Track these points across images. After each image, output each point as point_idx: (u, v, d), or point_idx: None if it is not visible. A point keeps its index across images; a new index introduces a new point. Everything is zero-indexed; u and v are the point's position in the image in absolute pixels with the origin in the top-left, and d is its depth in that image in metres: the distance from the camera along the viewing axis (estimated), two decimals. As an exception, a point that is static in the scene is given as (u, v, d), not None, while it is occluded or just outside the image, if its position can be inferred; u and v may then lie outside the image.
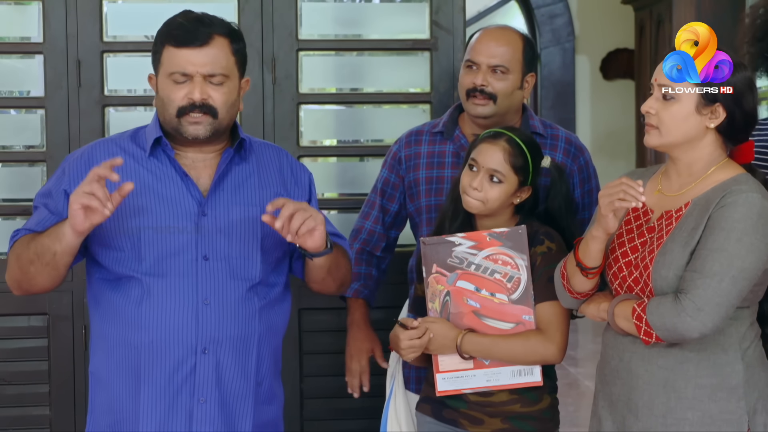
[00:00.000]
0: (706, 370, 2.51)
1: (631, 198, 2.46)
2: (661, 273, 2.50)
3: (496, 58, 3.17)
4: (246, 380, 2.75)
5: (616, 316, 2.56)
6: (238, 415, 2.75)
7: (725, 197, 2.46)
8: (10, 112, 3.96)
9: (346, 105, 4.06)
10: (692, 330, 2.42)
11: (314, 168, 3.91)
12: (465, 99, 3.22)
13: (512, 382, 2.89)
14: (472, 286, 2.90)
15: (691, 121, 2.53)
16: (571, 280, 2.66)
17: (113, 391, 2.72)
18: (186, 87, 2.66)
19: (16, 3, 3.91)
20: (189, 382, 2.68)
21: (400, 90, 4.02)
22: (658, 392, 2.54)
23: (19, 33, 3.92)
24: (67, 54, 3.84)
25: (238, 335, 2.73)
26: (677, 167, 2.59)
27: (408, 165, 3.32)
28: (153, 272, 2.67)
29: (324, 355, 3.98)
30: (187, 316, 2.67)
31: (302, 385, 3.96)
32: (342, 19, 4.04)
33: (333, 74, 4.04)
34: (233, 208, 2.74)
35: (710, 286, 2.41)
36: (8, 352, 3.86)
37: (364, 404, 3.79)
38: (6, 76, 3.94)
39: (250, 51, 3.83)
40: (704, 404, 2.50)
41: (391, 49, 4.02)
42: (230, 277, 2.71)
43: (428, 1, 3.95)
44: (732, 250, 2.42)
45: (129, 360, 2.69)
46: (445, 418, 2.98)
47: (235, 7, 3.89)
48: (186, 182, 2.71)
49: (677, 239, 2.51)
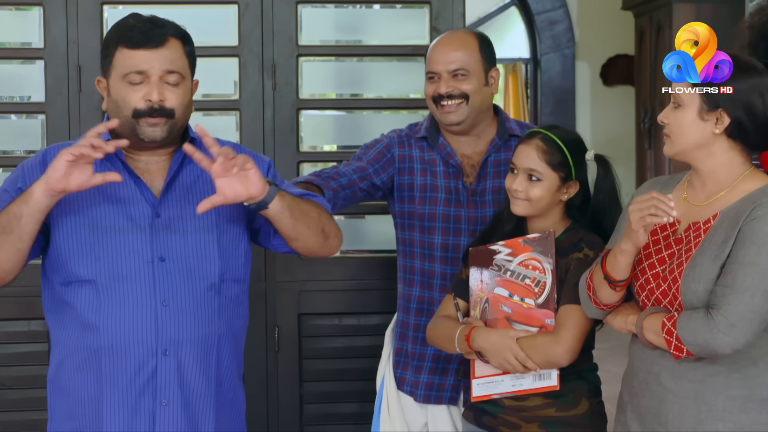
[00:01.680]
0: (737, 382, 2.49)
1: (663, 213, 2.44)
2: (691, 287, 2.49)
3: (453, 63, 3.18)
4: (207, 381, 2.74)
5: (645, 330, 2.54)
6: (200, 415, 2.75)
7: (755, 209, 2.44)
8: (11, 117, 3.97)
9: (346, 110, 4.07)
10: (725, 346, 2.41)
11: None
12: (434, 109, 3.22)
13: (533, 387, 2.88)
14: (507, 293, 2.92)
15: (697, 128, 2.52)
16: (598, 292, 2.65)
17: (74, 397, 2.69)
18: (142, 88, 2.65)
19: (17, 9, 3.91)
20: (151, 384, 2.67)
21: (400, 96, 4.03)
22: (688, 405, 2.53)
23: (20, 39, 3.93)
24: (67, 59, 3.84)
25: (199, 336, 2.71)
26: (700, 176, 2.58)
27: (402, 166, 3.29)
28: (110, 275, 2.65)
29: (323, 360, 3.98)
30: (145, 318, 2.65)
31: (301, 390, 3.96)
32: (342, 25, 4.05)
33: (333, 80, 4.06)
34: (186, 207, 2.72)
35: (742, 302, 2.40)
36: (8, 356, 3.86)
37: (363, 409, 3.84)
38: (7, 81, 3.95)
39: (251, 57, 3.88)
40: (735, 416, 2.49)
41: (391, 54, 4.03)
42: (187, 277, 2.70)
43: (428, 8, 3.96)
44: (764, 264, 2.40)
45: (89, 364, 2.66)
46: (485, 424, 2.98)
47: (235, 12, 3.90)
48: (138, 184, 2.69)
49: (706, 252, 2.49)
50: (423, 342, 3.25)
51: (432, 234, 3.25)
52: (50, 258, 2.70)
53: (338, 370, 3.97)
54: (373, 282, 3.92)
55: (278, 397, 3.94)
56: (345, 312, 3.96)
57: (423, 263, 3.27)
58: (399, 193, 3.30)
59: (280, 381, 3.93)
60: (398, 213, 3.32)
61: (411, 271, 3.30)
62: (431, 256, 3.25)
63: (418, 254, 3.27)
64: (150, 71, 2.63)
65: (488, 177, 3.27)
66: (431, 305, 3.25)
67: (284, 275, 3.92)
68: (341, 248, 3.97)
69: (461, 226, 3.24)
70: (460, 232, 3.24)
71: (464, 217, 3.25)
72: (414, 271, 3.29)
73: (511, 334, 2.86)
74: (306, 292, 3.93)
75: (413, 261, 3.29)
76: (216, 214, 2.74)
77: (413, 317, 3.29)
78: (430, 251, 3.25)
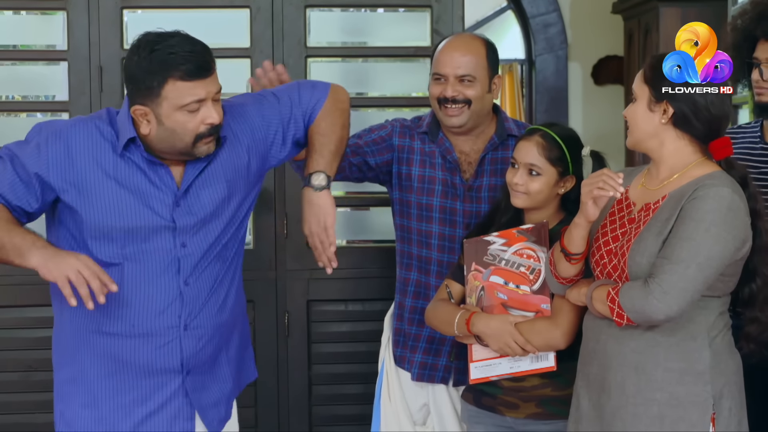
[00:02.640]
0: (675, 355, 2.53)
1: (610, 188, 2.50)
2: (636, 260, 2.53)
3: (461, 68, 3.16)
4: (224, 346, 2.81)
5: (594, 300, 2.59)
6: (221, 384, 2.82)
7: (697, 190, 2.49)
8: (36, 116, 3.97)
9: (353, 108, 3.89)
10: (658, 312, 2.45)
11: None
12: (438, 109, 3.22)
13: (531, 368, 2.90)
14: (502, 280, 2.93)
15: (646, 119, 2.58)
16: (557, 265, 2.70)
17: (91, 377, 2.70)
18: (200, 113, 2.58)
19: (42, 13, 3.93)
20: (176, 357, 2.70)
21: (403, 94, 4.03)
22: (629, 373, 2.56)
23: (44, 41, 3.95)
24: (89, 61, 3.87)
25: (217, 311, 2.76)
26: (656, 164, 2.63)
27: (401, 156, 3.29)
28: (134, 259, 2.64)
29: (331, 343, 4.01)
30: (170, 301, 2.67)
31: (310, 372, 3.99)
32: (348, 27, 4.06)
33: (339, 80, 3.86)
34: (202, 193, 2.70)
35: (676, 272, 2.44)
36: (34, 340, 3.89)
37: (367, 390, 3.83)
38: (32, 81, 3.97)
39: (262, 58, 3.82)
40: (672, 387, 2.52)
41: (395, 55, 4.04)
42: (204, 261, 2.71)
43: (429, 11, 3.97)
44: (699, 239, 2.44)
45: (111, 347, 2.67)
46: (484, 405, 3.01)
47: (247, 16, 3.92)
48: (158, 173, 2.65)
49: (652, 228, 2.54)
50: (419, 323, 3.28)
51: (429, 223, 3.25)
52: (67, 239, 2.66)
53: (344, 353, 3.99)
54: (377, 270, 3.94)
55: (288, 378, 3.96)
56: (350, 298, 3.99)
57: (420, 250, 3.28)
58: (398, 182, 3.30)
59: (290, 363, 3.96)
60: (397, 200, 3.32)
61: (409, 256, 3.31)
62: (428, 243, 3.26)
63: (416, 241, 3.28)
64: (207, 96, 2.56)
65: (485, 174, 3.27)
66: (427, 289, 3.27)
67: (294, 264, 3.94)
68: (347, 239, 4.05)
69: (456, 218, 3.25)
70: (456, 224, 3.25)
71: (459, 210, 3.25)
72: (411, 256, 3.30)
73: (510, 320, 2.88)
74: (314, 279, 3.94)
75: (411, 247, 3.30)
76: (226, 189, 2.74)
77: (410, 299, 3.31)
78: (427, 239, 3.26)
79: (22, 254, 2.50)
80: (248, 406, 3.94)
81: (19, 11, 3.97)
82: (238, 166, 2.76)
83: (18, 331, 3.90)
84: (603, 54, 7.17)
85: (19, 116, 4.01)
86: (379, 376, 3.44)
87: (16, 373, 3.93)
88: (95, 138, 2.64)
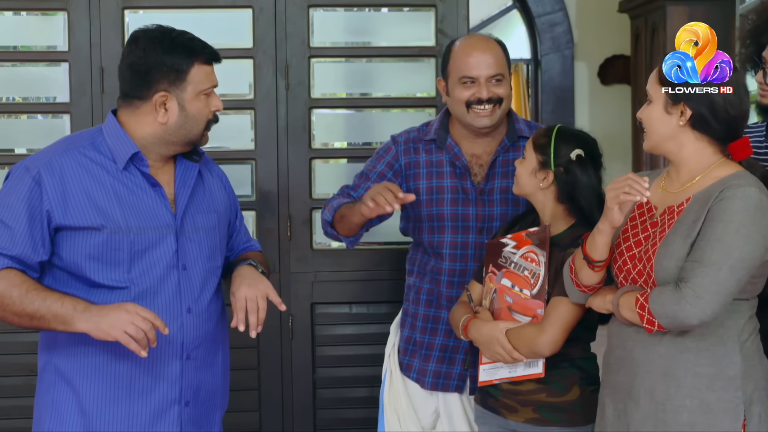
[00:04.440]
0: (705, 360, 2.50)
1: (636, 192, 2.45)
2: (663, 264, 2.50)
3: (491, 68, 3.16)
4: (215, 377, 2.78)
5: (621, 307, 2.55)
6: (211, 417, 2.81)
7: (724, 191, 2.46)
8: (38, 117, 4.00)
9: (356, 109, 4.08)
10: (692, 317, 2.41)
11: (325, 169, 4.02)
12: (465, 113, 3.18)
13: (524, 374, 2.90)
14: (510, 283, 2.93)
15: (664, 121, 2.55)
16: (579, 273, 2.66)
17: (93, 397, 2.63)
18: (210, 100, 2.68)
19: (43, 14, 3.94)
20: (176, 387, 2.67)
21: (407, 95, 4.04)
22: (658, 380, 2.53)
23: (45, 42, 3.95)
24: (90, 62, 3.87)
25: (211, 337, 2.75)
26: (675, 167, 2.60)
27: (408, 173, 3.28)
28: (139, 282, 2.62)
29: (335, 346, 4.00)
30: (174, 322, 2.65)
31: (314, 375, 3.99)
32: (352, 27, 4.06)
33: (343, 80, 4.07)
34: (197, 217, 2.73)
35: (709, 275, 2.41)
36: (36, 345, 3.83)
37: (372, 393, 3.84)
38: (34, 83, 3.97)
39: (265, 58, 3.90)
40: (702, 393, 2.49)
41: (399, 55, 4.04)
42: (203, 283, 2.72)
43: (434, 11, 3.98)
44: (730, 240, 2.41)
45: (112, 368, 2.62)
46: (490, 406, 3.02)
47: (250, 16, 3.93)
48: (160, 194, 2.66)
49: (678, 232, 2.50)
50: (432, 332, 3.27)
51: (442, 233, 3.24)
52: (76, 267, 2.61)
53: (349, 356, 4.00)
54: (382, 273, 3.93)
55: (292, 381, 3.96)
56: (355, 301, 3.98)
57: (432, 260, 3.27)
58: None
59: (294, 366, 3.97)
60: (410, 216, 3.32)
61: (422, 265, 3.30)
62: (439, 254, 3.24)
63: (429, 252, 3.27)
64: (216, 83, 2.70)
65: (497, 177, 3.25)
66: (439, 298, 3.25)
67: (297, 267, 3.95)
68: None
69: (469, 224, 3.23)
70: (468, 230, 3.23)
71: (472, 216, 3.23)
72: (424, 266, 3.30)
73: (500, 327, 2.89)
74: (318, 282, 3.96)
75: (424, 257, 3.30)
76: (216, 221, 2.78)
77: (422, 308, 3.29)
78: (438, 249, 3.24)
79: (66, 322, 2.51)
80: (252, 410, 3.96)
81: (19, 12, 3.98)
82: (218, 198, 2.85)
83: (20, 335, 3.86)
84: (609, 53, 7.22)
85: (20, 118, 4.02)
86: (383, 383, 3.42)
87: (19, 377, 3.92)
88: (86, 165, 2.62)
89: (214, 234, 2.77)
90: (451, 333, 3.22)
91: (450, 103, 3.23)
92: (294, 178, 3.93)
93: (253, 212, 3.95)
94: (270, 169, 3.94)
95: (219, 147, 3.88)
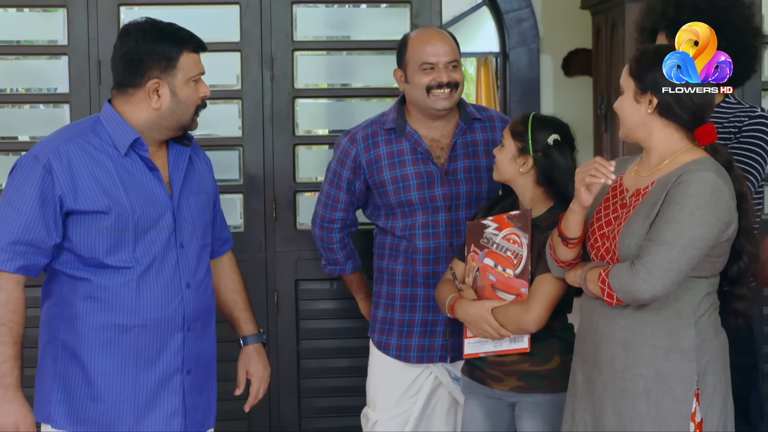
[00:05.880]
0: (661, 332, 2.53)
1: (601, 175, 2.49)
2: (625, 242, 2.53)
3: (449, 55, 3.22)
4: (210, 346, 2.86)
5: (587, 281, 2.59)
6: (209, 380, 2.88)
7: (682, 176, 2.48)
8: (39, 107, 3.99)
9: (337, 99, 4.07)
10: (644, 291, 2.44)
11: (308, 155, 3.99)
12: (425, 97, 3.23)
13: (509, 348, 2.93)
14: (493, 263, 2.94)
15: (633, 110, 2.58)
16: (556, 249, 2.69)
17: (97, 370, 2.65)
18: (199, 87, 2.71)
19: (44, 10, 3.91)
20: (178, 357, 2.72)
21: (385, 85, 4.00)
22: (618, 350, 2.56)
23: (46, 36, 3.94)
24: (89, 55, 3.86)
25: (206, 309, 2.82)
26: (647, 152, 2.62)
27: (371, 169, 3.29)
28: (143, 261, 2.65)
29: (317, 320, 4.01)
30: (175, 298, 2.70)
31: (299, 347, 3.99)
32: (332, 22, 4.05)
33: (324, 71, 4.06)
34: (191, 198, 2.77)
35: (661, 253, 2.42)
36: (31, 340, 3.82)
37: (354, 363, 3.87)
38: (35, 75, 3.96)
39: (251, 51, 3.87)
40: (658, 363, 2.52)
41: (376, 48, 4.04)
42: (198, 259, 2.78)
43: (409, 7, 3.97)
44: (684, 221, 2.42)
45: (119, 340, 2.65)
46: (476, 377, 3.06)
47: (237, 12, 3.92)
48: (157, 178, 2.69)
49: (640, 213, 2.53)
50: (411, 309, 3.31)
51: (413, 216, 3.27)
52: (77, 247, 2.63)
53: (330, 329, 3.99)
54: (360, 250, 3.86)
55: (278, 353, 3.96)
56: (336, 277, 3.88)
57: (404, 242, 3.30)
58: (376, 190, 3.33)
59: (279, 339, 3.96)
60: (380, 206, 3.35)
61: (393, 248, 3.33)
62: (412, 235, 3.27)
63: (402, 235, 3.30)
64: (203, 70, 2.74)
65: (459, 158, 3.29)
66: (415, 277, 3.29)
67: (282, 246, 3.94)
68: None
69: (438, 204, 3.26)
70: (438, 210, 3.26)
71: (439, 196, 3.26)
72: (396, 248, 3.32)
73: (486, 306, 2.91)
74: (302, 260, 3.95)
75: (395, 239, 3.32)
76: (206, 201, 2.84)
77: (399, 288, 3.33)
78: (411, 231, 3.27)
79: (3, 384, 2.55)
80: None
81: (21, 9, 3.95)
82: (207, 180, 2.92)
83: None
84: (572, 47, 7.22)
85: (22, 108, 4.00)
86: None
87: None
88: (91, 153, 2.64)
89: (206, 213, 2.81)
90: (430, 308, 3.26)
91: (409, 90, 3.26)
92: (279, 163, 3.93)
93: (240, 195, 3.93)
94: (256, 155, 3.92)
95: (209, 134, 3.87)
